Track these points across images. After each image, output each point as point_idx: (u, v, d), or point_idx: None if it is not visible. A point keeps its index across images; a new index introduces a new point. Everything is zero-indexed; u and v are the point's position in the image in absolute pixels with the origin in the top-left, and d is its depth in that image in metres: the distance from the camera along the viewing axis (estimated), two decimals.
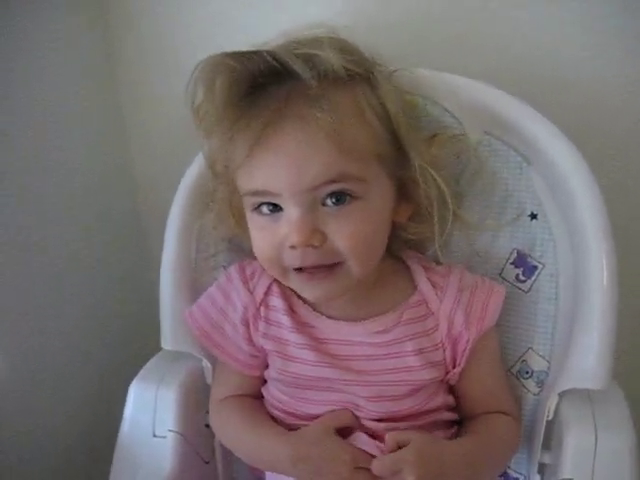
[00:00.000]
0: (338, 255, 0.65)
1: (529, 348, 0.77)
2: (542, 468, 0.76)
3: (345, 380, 0.72)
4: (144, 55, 0.98)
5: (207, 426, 0.83)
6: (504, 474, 0.80)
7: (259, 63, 0.61)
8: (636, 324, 0.87)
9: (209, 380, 0.82)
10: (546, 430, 0.75)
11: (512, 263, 0.78)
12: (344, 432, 0.71)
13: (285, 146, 0.61)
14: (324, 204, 0.63)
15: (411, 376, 0.71)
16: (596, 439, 0.68)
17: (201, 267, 0.83)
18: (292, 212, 0.63)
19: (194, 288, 0.82)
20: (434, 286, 0.74)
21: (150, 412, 0.78)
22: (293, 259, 0.65)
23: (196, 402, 0.81)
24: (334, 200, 0.63)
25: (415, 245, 0.78)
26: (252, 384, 0.79)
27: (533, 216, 0.76)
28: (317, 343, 0.73)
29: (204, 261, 0.83)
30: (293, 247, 0.63)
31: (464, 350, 0.72)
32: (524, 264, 0.77)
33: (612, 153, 0.85)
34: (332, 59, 0.61)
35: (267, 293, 0.76)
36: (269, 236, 0.66)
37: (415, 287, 0.75)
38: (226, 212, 0.74)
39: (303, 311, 0.75)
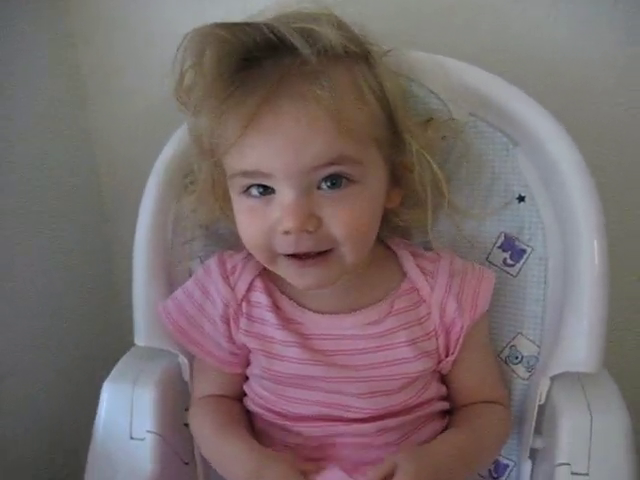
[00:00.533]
0: (332, 241, 0.61)
1: (518, 333, 0.76)
2: (533, 453, 0.75)
3: (334, 378, 0.69)
4: (108, 42, 0.94)
5: (186, 425, 0.80)
6: (494, 461, 0.79)
7: (254, 35, 0.58)
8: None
9: (186, 377, 0.78)
10: (537, 415, 0.73)
11: (499, 247, 0.76)
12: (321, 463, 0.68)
13: (282, 125, 0.57)
14: (319, 187, 0.60)
15: (405, 368, 0.69)
16: (591, 422, 0.67)
17: (177, 252, 0.79)
18: (286, 195, 0.59)
19: (169, 279, 0.78)
20: (424, 272, 0.72)
21: (126, 413, 0.74)
22: (286, 245, 0.61)
23: (174, 400, 0.77)
24: (330, 183, 0.60)
25: (400, 232, 0.76)
26: (233, 381, 0.76)
27: (521, 199, 0.74)
28: (304, 339, 0.70)
29: (180, 246, 0.79)
30: (287, 232, 0.60)
31: (458, 338, 0.71)
32: (512, 247, 0.75)
33: (599, 136, 0.85)
34: (331, 35, 0.58)
35: (249, 289, 0.72)
36: (259, 220, 0.62)
37: (404, 274, 0.72)
38: (208, 193, 0.70)
39: (288, 307, 0.71)
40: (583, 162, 0.69)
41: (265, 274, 0.73)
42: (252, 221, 0.63)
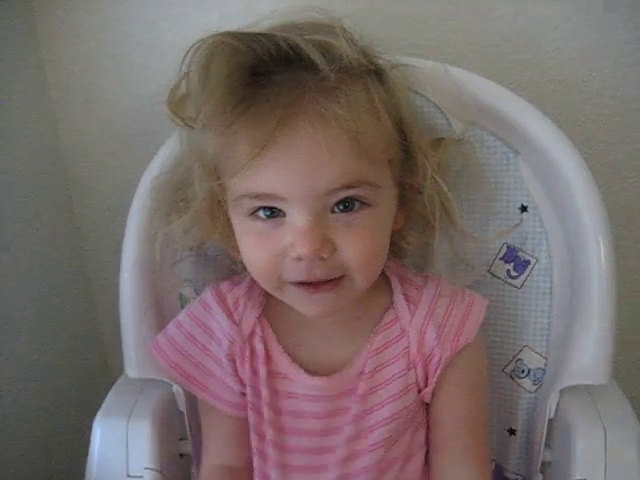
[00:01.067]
0: (344, 269, 0.58)
1: (525, 346, 0.74)
2: (543, 467, 0.74)
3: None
4: (76, 55, 0.88)
5: (181, 455, 0.76)
6: (501, 478, 0.78)
7: (268, 47, 0.54)
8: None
9: (182, 407, 0.74)
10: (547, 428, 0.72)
11: (501, 258, 0.74)
12: None
13: (300, 146, 0.53)
14: (332, 211, 0.56)
15: (387, 430, 0.66)
16: (605, 435, 0.66)
17: (165, 276, 0.74)
18: (299, 219, 0.55)
19: (158, 306, 0.74)
20: (407, 299, 0.68)
21: (122, 450, 0.69)
22: (297, 271, 0.57)
23: (170, 432, 0.74)
24: (343, 207, 0.56)
25: (394, 251, 0.71)
26: (244, 428, 0.69)
27: (523, 208, 0.72)
28: (284, 399, 0.67)
29: (168, 269, 0.74)
30: (299, 258, 0.56)
31: (435, 369, 0.66)
32: (515, 259, 0.74)
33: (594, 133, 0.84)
34: (347, 50, 0.55)
35: (253, 331, 0.68)
36: (267, 245, 0.58)
37: (392, 302, 0.68)
38: (206, 214, 0.65)
39: (281, 360, 0.67)
40: (586, 167, 0.68)
41: (265, 316, 0.68)
42: (259, 245, 0.59)
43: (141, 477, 0.69)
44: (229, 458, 0.70)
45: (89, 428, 0.72)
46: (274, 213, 0.57)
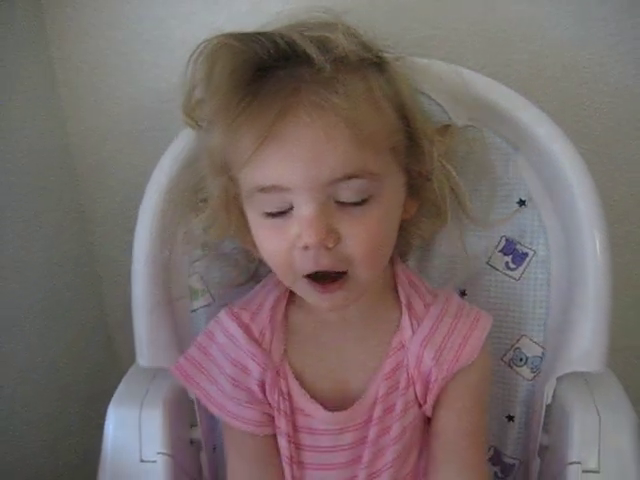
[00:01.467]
0: (348, 262, 0.59)
1: (522, 335, 0.77)
2: (541, 451, 0.77)
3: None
4: (85, 52, 0.90)
5: (192, 442, 0.79)
6: (500, 462, 0.81)
7: (267, 46, 0.56)
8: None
9: (192, 395, 0.75)
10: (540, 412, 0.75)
11: (500, 251, 0.77)
12: None
13: (301, 136, 0.55)
14: (337, 201, 0.58)
15: (396, 449, 0.68)
16: (600, 421, 0.69)
17: (177, 268, 0.77)
18: (305, 209, 0.57)
19: (169, 297, 0.76)
20: (411, 315, 0.68)
21: (135, 436, 0.72)
22: (305, 261, 0.59)
23: (181, 419, 0.76)
24: (348, 197, 0.58)
25: (401, 244, 0.72)
26: (269, 444, 0.70)
27: (522, 202, 0.75)
28: (305, 434, 0.68)
29: (180, 262, 0.76)
30: (306, 247, 0.57)
31: (433, 388, 0.67)
32: (513, 251, 0.76)
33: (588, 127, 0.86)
34: (344, 42, 0.57)
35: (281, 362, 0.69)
36: (279, 237, 0.60)
37: (399, 319, 0.69)
38: (222, 211, 0.66)
39: (300, 397, 0.68)
40: (583, 163, 0.70)
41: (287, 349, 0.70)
42: (272, 239, 0.61)
43: (154, 461, 0.72)
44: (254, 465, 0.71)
45: (97, 424, 0.74)
46: (284, 209, 0.59)
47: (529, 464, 0.78)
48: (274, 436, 0.69)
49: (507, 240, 0.76)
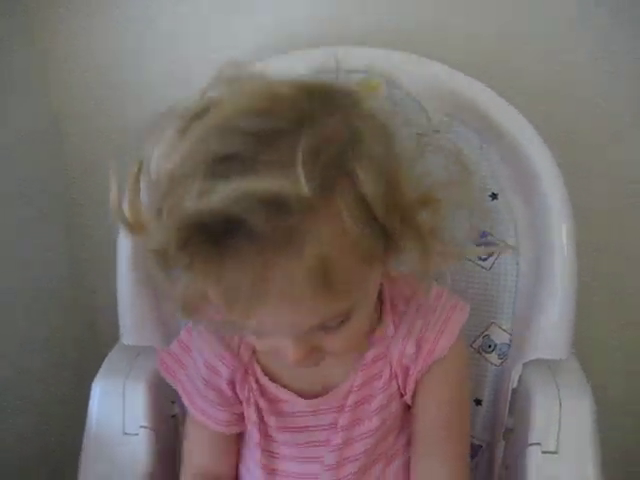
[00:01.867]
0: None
1: (492, 323, 0.80)
2: (506, 433, 0.80)
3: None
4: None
5: (173, 416, 0.83)
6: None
7: (215, 226, 0.46)
8: None
9: None
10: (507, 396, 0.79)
11: (473, 242, 0.79)
12: None
13: (273, 306, 0.50)
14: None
15: (374, 438, 0.70)
16: (560, 406, 0.72)
17: None
18: (286, 343, 0.57)
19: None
20: (393, 311, 0.69)
21: (119, 409, 0.76)
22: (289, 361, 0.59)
23: (163, 395, 0.79)
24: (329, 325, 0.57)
25: None
26: (232, 440, 0.74)
27: (494, 196, 0.78)
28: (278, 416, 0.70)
29: None
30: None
31: (410, 381, 0.68)
32: (485, 243, 0.79)
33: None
34: (303, 189, 0.45)
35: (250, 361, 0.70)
36: (262, 342, 0.60)
37: (380, 313, 0.69)
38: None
39: (271, 388, 0.70)
40: (553, 159, 0.74)
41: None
42: (258, 341, 0.61)
43: (136, 434, 0.75)
44: (213, 467, 0.74)
45: (82, 406, 0.77)
46: None
47: (494, 446, 0.82)
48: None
49: (480, 231, 0.79)
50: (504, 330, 0.80)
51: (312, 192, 0.45)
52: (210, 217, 0.45)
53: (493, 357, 0.81)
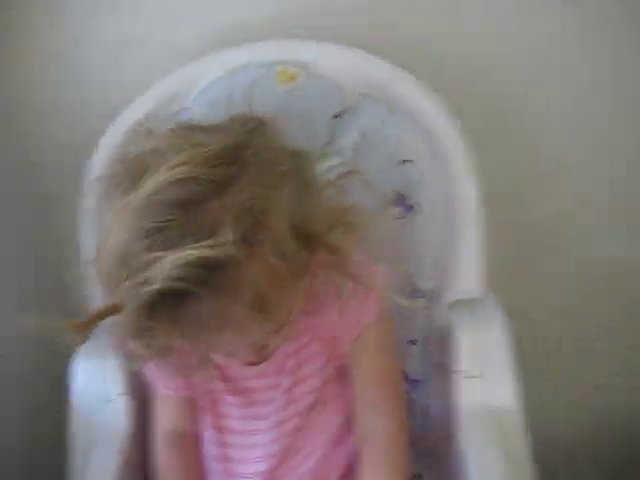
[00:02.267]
0: None
1: (416, 272, 0.91)
2: (437, 367, 0.92)
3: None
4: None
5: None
6: (407, 380, 0.94)
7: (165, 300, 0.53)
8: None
9: None
10: (438, 335, 0.90)
11: (392, 203, 0.90)
12: None
13: (227, 335, 0.60)
14: None
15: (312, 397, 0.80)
16: (481, 338, 0.83)
17: None
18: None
19: None
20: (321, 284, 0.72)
21: (99, 380, 0.85)
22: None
23: None
24: None
25: None
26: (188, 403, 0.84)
27: (406, 161, 0.88)
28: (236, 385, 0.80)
29: None
30: None
31: (342, 348, 0.78)
32: (403, 204, 0.90)
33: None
34: (232, 249, 0.53)
35: None
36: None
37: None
38: None
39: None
40: (455, 128, 0.86)
41: None
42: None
43: (115, 400, 0.85)
44: (177, 426, 0.84)
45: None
46: None
47: (429, 382, 0.94)
48: None
49: (397, 194, 0.89)
50: (429, 278, 0.91)
51: (238, 249, 0.53)
52: (159, 295, 0.52)
53: (421, 302, 0.91)
